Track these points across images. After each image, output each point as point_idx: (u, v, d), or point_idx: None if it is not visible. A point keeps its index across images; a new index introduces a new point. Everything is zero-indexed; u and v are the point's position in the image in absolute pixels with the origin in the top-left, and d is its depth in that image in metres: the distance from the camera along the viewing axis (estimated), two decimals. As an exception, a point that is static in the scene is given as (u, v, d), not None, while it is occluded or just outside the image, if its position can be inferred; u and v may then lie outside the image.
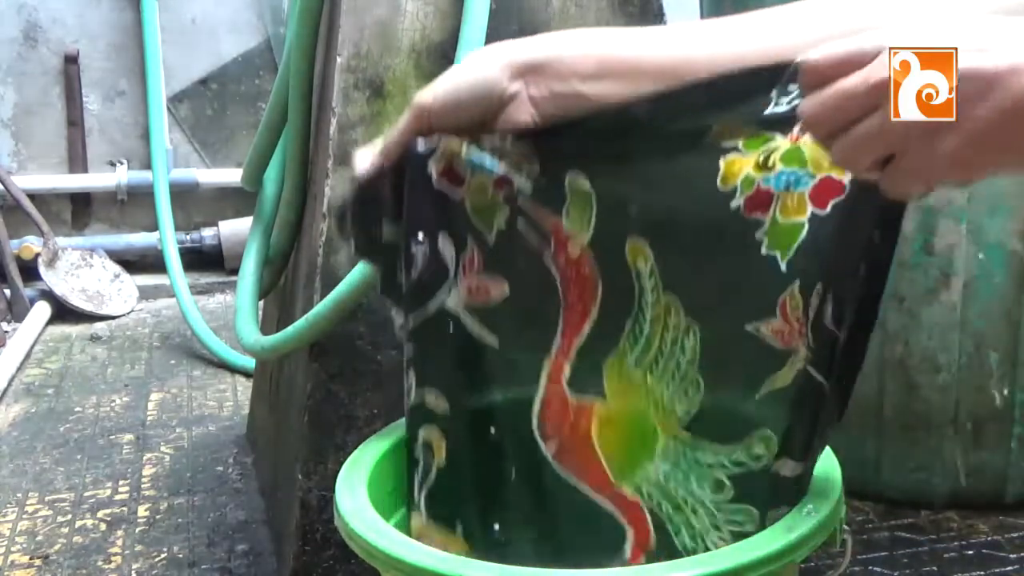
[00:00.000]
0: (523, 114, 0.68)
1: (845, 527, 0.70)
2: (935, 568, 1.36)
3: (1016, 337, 1.42)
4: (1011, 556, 1.38)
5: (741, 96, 0.62)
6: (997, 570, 1.35)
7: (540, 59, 0.68)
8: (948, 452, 1.47)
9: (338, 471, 0.75)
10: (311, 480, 1.26)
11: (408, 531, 0.75)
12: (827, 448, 0.73)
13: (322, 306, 1.18)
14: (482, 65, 0.69)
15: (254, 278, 1.45)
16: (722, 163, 0.69)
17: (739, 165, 0.68)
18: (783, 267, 0.69)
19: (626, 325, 0.75)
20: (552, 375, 0.76)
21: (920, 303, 1.42)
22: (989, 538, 1.42)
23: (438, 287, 0.72)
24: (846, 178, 0.65)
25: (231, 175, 2.88)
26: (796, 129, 0.65)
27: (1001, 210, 1.38)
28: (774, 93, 0.60)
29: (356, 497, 0.71)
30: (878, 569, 1.35)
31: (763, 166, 0.68)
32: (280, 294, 1.56)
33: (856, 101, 0.53)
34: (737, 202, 0.69)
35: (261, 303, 1.54)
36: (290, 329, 1.24)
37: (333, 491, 0.73)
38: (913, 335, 1.44)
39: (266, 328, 1.51)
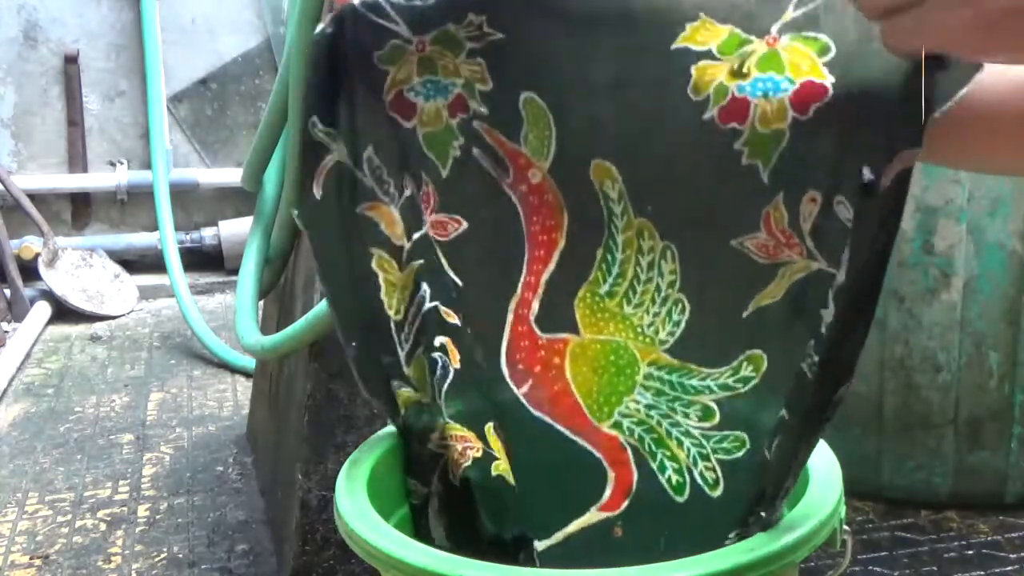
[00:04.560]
0: None
1: (845, 527, 0.70)
2: (935, 568, 1.36)
3: (1016, 337, 1.42)
4: (1011, 556, 1.38)
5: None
6: (997, 570, 1.35)
7: None
8: (948, 452, 1.47)
9: (338, 471, 0.75)
10: (311, 480, 1.26)
11: (416, 518, 0.75)
12: (827, 448, 0.73)
13: (322, 306, 1.18)
14: None
15: (254, 278, 1.45)
16: (693, 71, 0.65)
17: (711, 73, 0.65)
18: (765, 178, 0.66)
19: (597, 254, 0.71)
20: (518, 313, 0.73)
21: (920, 303, 1.42)
22: (989, 538, 1.42)
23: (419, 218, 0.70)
24: (828, 80, 0.62)
25: (231, 175, 2.88)
26: (774, 30, 0.63)
27: (1001, 210, 1.38)
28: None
29: (356, 497, 0.71)
30: (878, 569, 1.35)
31: (737, 73, 0.65)
32: (280, 294, 1.56)
33: None
34: (710, 113, 0.66)
35: (261, 303, 1.54)
36: (290, 329, 1.24)
37: (333, 491, 0.73)
38: (913, 335, 1.44)
39: (266, 328, 1.51)
